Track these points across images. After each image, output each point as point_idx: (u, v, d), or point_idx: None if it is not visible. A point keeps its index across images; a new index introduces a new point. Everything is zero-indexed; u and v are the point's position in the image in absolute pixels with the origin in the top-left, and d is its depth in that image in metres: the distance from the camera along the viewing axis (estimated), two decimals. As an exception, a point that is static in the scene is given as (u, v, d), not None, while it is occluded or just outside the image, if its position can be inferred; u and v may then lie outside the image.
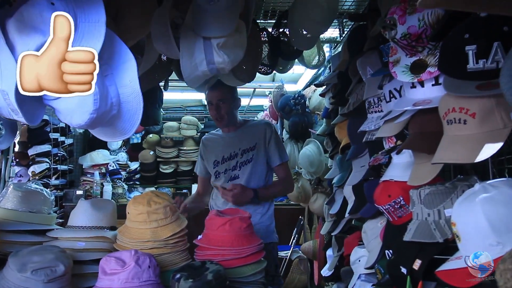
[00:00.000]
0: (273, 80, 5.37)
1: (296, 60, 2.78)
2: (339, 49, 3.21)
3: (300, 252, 4.25)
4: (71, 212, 1.67)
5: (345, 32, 2.91)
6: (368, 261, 1.67)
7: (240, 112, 3.34)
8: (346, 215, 2.14)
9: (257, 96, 5.40)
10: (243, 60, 1.56)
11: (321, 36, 2.66)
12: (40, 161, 4.73)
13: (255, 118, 5.78)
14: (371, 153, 1.76)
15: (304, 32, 2.17)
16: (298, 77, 5.21)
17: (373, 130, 1.68)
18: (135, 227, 1.58)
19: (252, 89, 4.93)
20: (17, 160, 5.10)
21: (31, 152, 4.77)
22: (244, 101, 5.55)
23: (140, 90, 1.02)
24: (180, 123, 5.85)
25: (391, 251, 1.46)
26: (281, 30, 2.36)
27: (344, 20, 2.82)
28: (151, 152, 5.79)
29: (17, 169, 5.01)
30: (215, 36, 1.23)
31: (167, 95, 3.12)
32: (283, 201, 5.70)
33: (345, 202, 2.29)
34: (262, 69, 2.57)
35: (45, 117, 4.80)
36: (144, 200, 1.59)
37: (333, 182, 2.40)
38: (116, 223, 1.75)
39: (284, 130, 4.34)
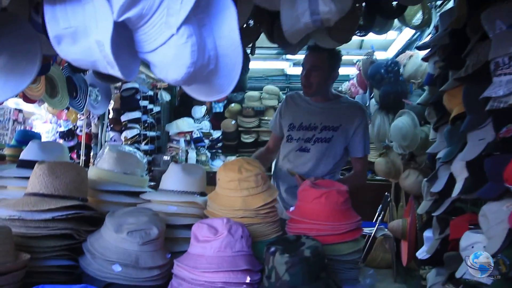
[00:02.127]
0: (361, 48, 5.02)
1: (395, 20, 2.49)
2: (449, 4, 2.82)
3: (386, 230, 4.02)
4: (161, 176, 1.65)
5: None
6: (488, 249, 1.43)
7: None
8: (455, 194, 1.89)
9: (343, 64, 5.08)
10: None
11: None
12: (131, 127, 5.00)
13: (339, 88, 5.48)
14: (498, 123, 1.48)
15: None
16: (389, 44, 4.80)
17: (502, 96, 1.40)
18: (226, 194, 1.52)
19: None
20: (111, 125, 5.46)
21: (123, 118, 5.06)
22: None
23: (240, 42, 0.90)
24: (261, 93, 5.78)
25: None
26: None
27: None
28: (233, 122, 5.83)
29: (111, 134, 5.37)
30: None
31: (249, 65, 2.98)
32: (368, 175, 5.44)
33: (450, 180, 2.03)
34: (357, 31, 2.32)
35: (135, 85, 5.03)
36: (235, 167, 1.51)
37: (437, 156, 2.13)
38: (205, 189, 1.71)
39: (373, 100, 4.03)
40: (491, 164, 1.46)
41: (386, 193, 4.29)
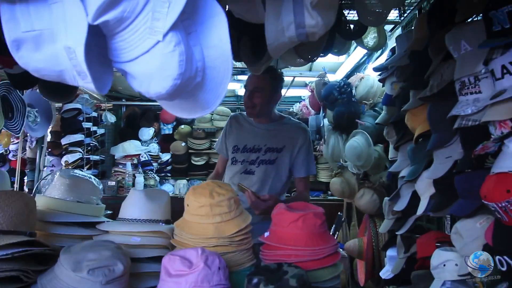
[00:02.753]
0: (310, 70, 5.12)
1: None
2: (397, 31, 2.95)
3: (342, 250, 4.03)
4: (107, 203, 1.49)
5: (406, 13, 2.64)
6: (463, 267, 1.42)
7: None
8: (419, 212, 1.90)
9: (294, 86, 5.15)
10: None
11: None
12: (73, 150, 4.66)
13: (291, 109, 5.54)
14: (466, 141, 1.51)
15: (374, 4, 1.90)
16: (338, 66, 4.94)
17: (470, 114, 1.43)
18: (196, 221, 1.39)
19: (291, 79, 4.69)
20: (49, 149, 5.05)
21: (64, 141, 4.71)
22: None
23: (230, 53, 0.81)
24: (212, 114, 5.67)
25: (506, 257, 1.22)
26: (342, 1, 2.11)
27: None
28: (183, 144, 5.64)
29: (49, 158, 4.95)
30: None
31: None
32: (319, 196, 5.48)
33: (413, 198, 2.06)
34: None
35: (78, 105, 4.72)
36: (206, 191, 1.40)
37: (400, 175, 2.15)
38: (170, 216, 1.57)
39: (326, 120, 4.09)
40: (462, 181, 1.47)
41: (339, 213, 4.32)
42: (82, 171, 4.69)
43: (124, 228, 1.39)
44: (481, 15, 1.46)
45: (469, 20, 1.57)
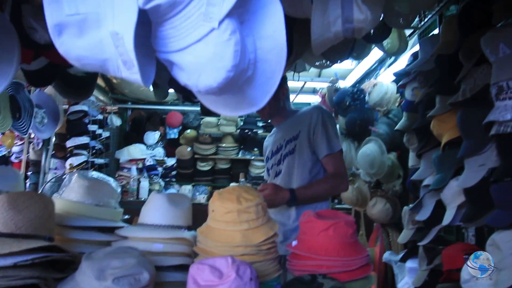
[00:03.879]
0: (319, 76, 5.07)
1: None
2: (415, 37, 2.90)
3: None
4: (143, 206, 1.42)
5: (426, 18, 2.59)
6: (501, 282, 1.35)
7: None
8: (445, 222, 1.83)
9: (303, 92, 5.10)
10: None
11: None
12: (78, 153, 4.57)
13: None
14: (503, 149, 1.45)
15: (401, 5, 1.84)
16: (348, 73, 4.89)
17: (508, 121, 1.37)
18: (222, 227, 1.31)
19: (301, 84, 4.63)
20: (53, 152, 4.97)
21: (69, 143, 4.63)
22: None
23: (285, 45, 0.75)
24: (219, 119, 5.61)
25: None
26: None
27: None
28: (189, 148, 5.56)
29: (53, 161, 4.87)
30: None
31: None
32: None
33: (437, 208, 1.99)
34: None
35: (84, 107, 4.65)
36: (233, 196, 1.32)
37: (423, 184, 2.08)
38: (191, 222, 1.49)
39: (337, 127, 4.03)
40: (501, 190, 1.40)
41: (348, 222, 4.24)
42: (86, 174, 4.62)
43: (146, 234, 1.31)
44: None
45: (507, 22, 1.52)
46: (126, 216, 1.53)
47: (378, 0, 0.96)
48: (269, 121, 2.41)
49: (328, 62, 1.78)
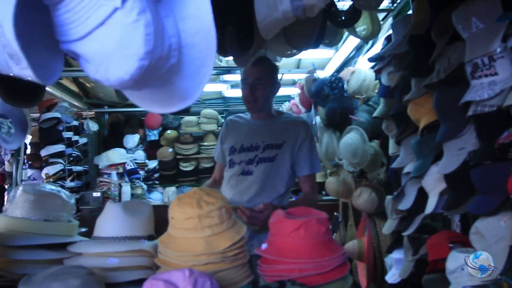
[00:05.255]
0: (298, 67, 4.97)
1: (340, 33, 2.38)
2: (389, 21, 2.81)
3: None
4: (92, 217, 1.30)
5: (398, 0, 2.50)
6: (487, 271, 1.26)
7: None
8: (428, 210, 1.75)
9: (282, 85, 4.98)
10: (298, 21, 1.18)
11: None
12: (53, 162, 4.42)
13: (280, 109, 5.37)
14: (482, 130, 1.36)
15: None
16: (326, 62, 4.80)
17: (487, 99, 1.28)
18: (183, 235, 1.20)
19: (279, 76, 4.52)
20: (30, 162, 4.80)
21: (43, 153, 4.47)
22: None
23: (213, 26, 0.63)
24: (199, 117, 5.48)
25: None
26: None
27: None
28: (170, 149, 5.43)
29: (29, 172, 4.71)
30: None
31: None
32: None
33: (419, 196, 1.90)
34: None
35: (57, 114, 4.48)
36: (193, 201, 1.21)
37: (404, 171, 1.99)
38: (153, 230, 1.38)
39: (318, 118, 3.93)
40: (481, 175, 1.31)
41: (335, 213, 4.16)
42: (64, 183, 4.47)
43: (98, 249, 1.19)
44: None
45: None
46: (83, 229, 1.41)
47: (329, -27, 0.86)
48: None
49: (294, 51, 1.67)
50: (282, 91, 5.28)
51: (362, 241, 3.42)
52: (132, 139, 5.37)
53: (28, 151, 4.80)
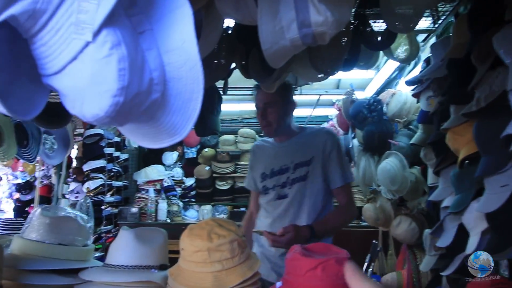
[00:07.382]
0: (338, 87, 4.85)
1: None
2: (431, 41, 2.66)
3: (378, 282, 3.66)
4: (110, 244, 1.28)
5: (441, 20, 2.36)
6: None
7: (300, 123, 2.87)
8: (469, 250, 1.58)
9: (320, 105, 4.89)
10: (323, 45, 1.11)
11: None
12: (94, 177, 4.56)
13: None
14: (528, 166, 1.21)
15: (401, 10, 1.64)
16: (367, 83, 4.65)
17: (532, 132, 1.14)
18: (191, 269, 1.15)
19: (317, 97, 4.43)
20: (74, 176, 4.99)
21: (86, 167, 4.63)
22: (306, 111, 5.06)
23: (199, 58, 0.59)
24: (236, 136, 5.48)
25: None
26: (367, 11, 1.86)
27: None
28: (207, 168, 5.45)
29: (74, 185, 4.89)
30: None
31: (222, 107, 2.63)
32: (353, 222, 5.11)
33: (460, 233, 1.73)
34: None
35: (100, 131, 4.65)
36: (204, 232, 1.16)
37: (442, 205, 1.83)
38: (167, 259, 1.33)
39: (355, 141, 3.79)
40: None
41: (373, 241, 3.95)
42: (104, 197, 4.60)
43: (107, 278, 1.16)
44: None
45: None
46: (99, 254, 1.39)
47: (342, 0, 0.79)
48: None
49: (323, 75, 1.60)
50: (320, 112, 5.23)
51: (401, 274, 3.22)
52: (170, 156, 5.46)
53: (74, 164, 5.00)
